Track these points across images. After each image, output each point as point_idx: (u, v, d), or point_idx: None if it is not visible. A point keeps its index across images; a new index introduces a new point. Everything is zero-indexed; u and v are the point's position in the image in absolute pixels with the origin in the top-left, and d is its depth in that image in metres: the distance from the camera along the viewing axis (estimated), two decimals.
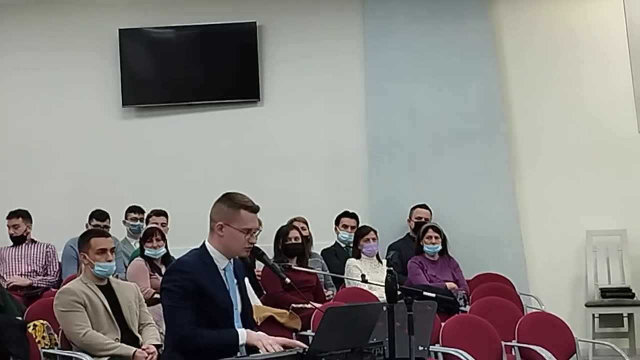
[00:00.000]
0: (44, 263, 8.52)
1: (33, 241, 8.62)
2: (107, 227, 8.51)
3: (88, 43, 10.17)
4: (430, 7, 9.81)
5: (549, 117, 9.71)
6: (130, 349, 5.68)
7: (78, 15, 10.23)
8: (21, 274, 8.30)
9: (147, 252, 7.72)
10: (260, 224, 4.89)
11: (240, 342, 4.52)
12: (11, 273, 8.31)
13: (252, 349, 4.53)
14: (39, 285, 8.25)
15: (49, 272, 8.50)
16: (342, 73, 9.97)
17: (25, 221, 8.60)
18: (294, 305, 7.15)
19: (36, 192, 9.93)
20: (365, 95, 9.87)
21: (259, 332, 4.69)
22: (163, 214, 8.97)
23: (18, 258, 8.43)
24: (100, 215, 8.74)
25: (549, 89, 9.76)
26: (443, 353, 6.28)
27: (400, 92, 9.77)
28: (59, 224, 9.27)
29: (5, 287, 7.37)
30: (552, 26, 9.82)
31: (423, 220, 9.04)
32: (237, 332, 4.55)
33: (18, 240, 8.53)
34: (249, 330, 4.61)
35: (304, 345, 4.54)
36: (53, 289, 7.56)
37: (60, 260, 8.65)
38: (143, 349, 5.71)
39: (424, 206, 9.24)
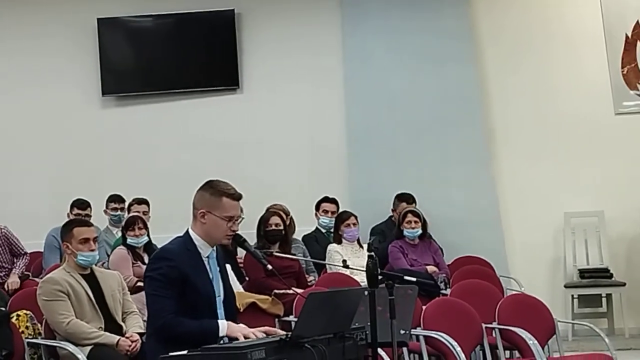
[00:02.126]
0: (8, 252, 8.07)
1: None
2: (89, 215, 8.46)
3: (66, 33, 10.12)
4: None
5: (526, 101, 9.75)
6: (113, 338, 5.70)
7: (56, 5, 10.17)
8: None
9: (129, 240, 7.70)
10: (241, 211, 4.89)
11: (221, 334, 4.53)
12: None
13: (233, 340, 4.55)
14: (23, 273, 8.08)
15: (17, 254, 8.12)
16: (321, 59, 9.96)
17: None
18: (276, 291, 7.16)
19: (16, 182, 9.92)
20: (344, 80, 9.88)
21: (241, 324, 4.70)
22: (144, 202, 8.95)
23: None
24: (81, 204, 8.69)
25: (525, 73, 9.78)
26: (425, 336, 6.30)
27: (379, 77, 9.77)
28: (40, 214, 9.27)
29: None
30: (528, 11, 9.83)
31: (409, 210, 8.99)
32: (218, 323, 4.57)
33: None
34: (230, 322, 4.62)
35: (286, 333, 4.55)
36: (36, 279, 7.50)
37: (18, 239, 8.18)
38: (127, 337, 5.73)
39: (410, 200, 9.06)
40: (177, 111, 10.07)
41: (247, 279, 7.66)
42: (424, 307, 6.48)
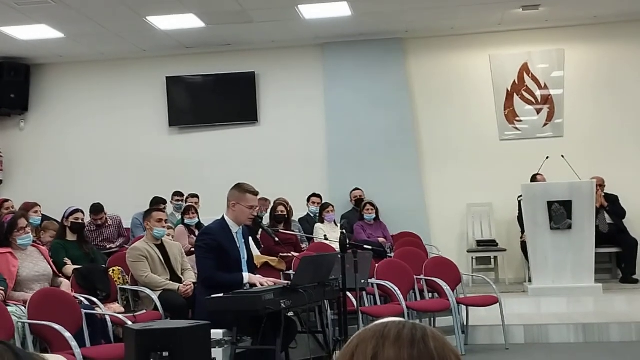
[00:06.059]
0: (117, 232, 8.12)
1: (106, 223, 7.98)
2: (165, 206, 8.38)
3: (147, 85, 10.08)
4: (367, 59, 9.74)
5: (442, 131, 9.72)
6: (175, 285, 5.71)
7: (139, 67, 10.12)
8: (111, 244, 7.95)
9: (186, 221, 7.69)
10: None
11: (245, 282, 4.53)
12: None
13: (253, 286, 4.53)
14: (122, 244, 7.96)
15: (121, 234, 8.18)
16: (311, 104, 9.90)
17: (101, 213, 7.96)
18: (281, 254, 7.14)
19: (112, 182, 9.87)
20: (326, 118, 9.84)
21: (258, 275, 4.69)
22: (196, 196, 8.91)
23: (102, 233, 7.97)
24: (161, 201, 8.43)
25: (442, 113, 9.74)
26: (377, 284, 6.32)
27: (348, 116, 9.73)
28: (126, 204, 9.12)
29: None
30: (445, 70, 9.78)
31: (359, 197, 9.09)
32: (242, 275, 4.55)
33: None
34: (251, 274, 4.61)
35: (287, 282, 4.52)
36: (126, 246, 7.44)
37: (124, 224, 8.26)
38: (184, 285, 5.72)
39: (358, 188, 9.26)
40: (217, 137, 10.00)
41: (262, 246, 7.63)
42: (376, 265, 6.49)
